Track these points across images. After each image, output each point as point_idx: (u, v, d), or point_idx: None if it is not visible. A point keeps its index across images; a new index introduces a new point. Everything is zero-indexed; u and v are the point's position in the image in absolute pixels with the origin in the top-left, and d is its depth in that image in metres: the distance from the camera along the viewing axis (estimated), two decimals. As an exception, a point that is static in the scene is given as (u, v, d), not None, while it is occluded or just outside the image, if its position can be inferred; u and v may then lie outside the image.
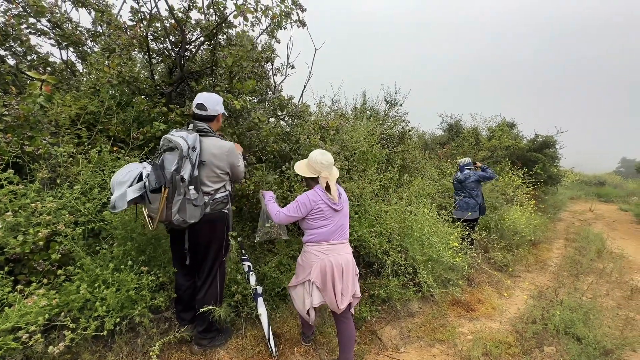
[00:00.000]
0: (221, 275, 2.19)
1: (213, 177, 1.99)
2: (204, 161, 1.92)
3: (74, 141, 2.40)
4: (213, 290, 2.12)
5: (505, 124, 8.94)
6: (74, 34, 3.08)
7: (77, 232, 1.94)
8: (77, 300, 1.78)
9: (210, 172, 1.97)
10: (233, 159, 2.06)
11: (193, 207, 1.85)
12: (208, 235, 2.05)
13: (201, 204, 1.91)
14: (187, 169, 1.81)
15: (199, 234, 2.02)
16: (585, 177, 19.58)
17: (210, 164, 1.95)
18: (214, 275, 2.13)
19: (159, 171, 1.75)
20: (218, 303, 2.14)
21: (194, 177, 1.85)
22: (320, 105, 4.27)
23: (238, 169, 2.15)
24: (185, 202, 1.82)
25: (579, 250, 5.59)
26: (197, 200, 1.87)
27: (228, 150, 2.02)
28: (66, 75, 3.22)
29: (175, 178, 1.77)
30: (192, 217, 1.86)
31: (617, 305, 3.58)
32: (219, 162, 1.98)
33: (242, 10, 2.52)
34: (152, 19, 2.75)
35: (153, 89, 2.95)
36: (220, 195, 2.05)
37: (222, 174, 2.02)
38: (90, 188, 2.17)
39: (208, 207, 1.98)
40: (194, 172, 1.85)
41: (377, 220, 3.12)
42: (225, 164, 2.01)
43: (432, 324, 2.88)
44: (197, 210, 1.88)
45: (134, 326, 2.09)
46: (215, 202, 2.02)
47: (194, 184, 1.86)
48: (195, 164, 1.85)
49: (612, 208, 12.41)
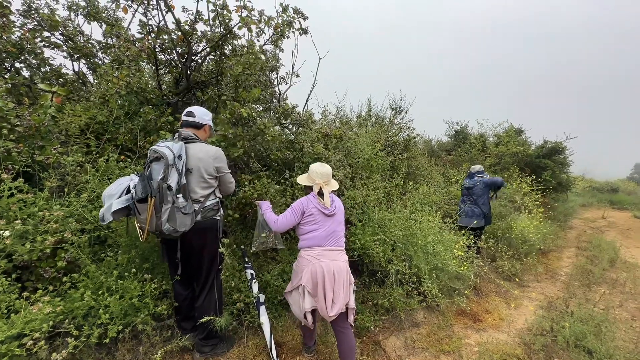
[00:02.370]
0: (218, 283, 2.19)
1: (202, 182, 2.00)
2: (191, 168, 1.94)
3: (83, 150, 2.47)
4: (211, 299, 2.12)
5: (513, 130, 8.83)
6: (85, 47, 3.20)
7: (84, 239, 1.98)
8: (81, 307, 1.80)
9: (198, 178, 1.98)
10: (220, 164, 2.07)
11: (182, 215, 1.86)
12: (200, 243, 2.05)
13: (191, 212, 1.91)
14: (173, 177, 1.83)
15: (191, 243, 2.03)
16: (597, 183, 19.14)
17: (198, 170, 1.96)
18: (211, 283, 2.14)
19: (145, 181, 1.79)
20: (218, 311, 2.14)
21: (181, 185, 1.86)
22: (324, 113, 4.30)
23: (226, 177, 2.15)
24: (174, 210, 1.83)
25: (590, 260, 5.43)
26: (186, 208, 1.87)
27: (214, 154, 2.03)
28: (77, 85, 3.33)
29: (162, 187, 1.79)
30: (182, 225, 1.86)
31: (632, 317, 3.45)
32: (206, 167, 1.99)
33: (247, 21, 2.57)
34: (159, 31, 2.83)
35: (160, 99, 3.02)
36: (211, 202, 2.06)
37: (210, 179, 2.03)
38: (97, 196, 2.22)
39: (199, 215, 1.98)
40: (182, 180, 1.86)
41: (380, 228, 3.10)
42: (212, 168, 2.02)
43: (437, 334, 2.83)
44: (187, 218, 1.89)
45: (136, 334, 2.11)
46: (205, 210, 2.02)
47: (182, 192, 1.87)
48: (182, 172, 1.87)
49: (626, 215, 12.07)
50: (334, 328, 2.12)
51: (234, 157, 2.86)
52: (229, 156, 2.68)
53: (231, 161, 2.99)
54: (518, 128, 9.04)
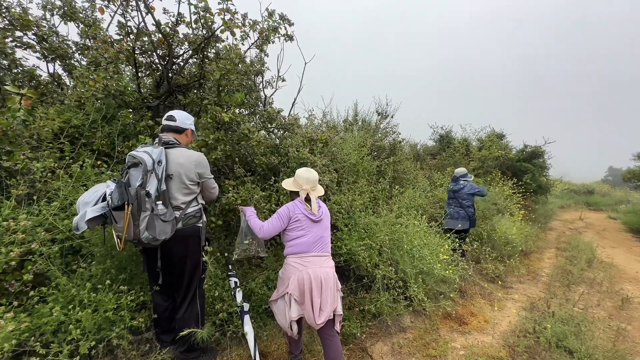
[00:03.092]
0: (201, 293, 2.11)
1: (183, 189, 1.93)
2: (172, 174, 1.87)
3: (56, 155, 2.35)
4: (193, 309, 2.04)
5: (495, 135, 9.09)
6: (60, 47, 3.06)
7: (54, 250, 1.87)
8: (50, 322, 1.69)
9: (179, 184, 1.91)
10: (202, 169, 2.00)
11: (162, 222, 1.78)
12: (182, 252, 1.97)
13: (171, 219, 1.83)
14: (152, 183, 1.77)
15: (172, 252, 1.95)
16: (574, 185, 19.92)
17: (178, 176, 1.90)
18: (193, 293, 2.05)
19: (122, 188, 1.72)
20: (200, 322, 2.06)
21: (161, 191, 1.79)
22: (310, 117, 4.28)
23: (209, 182, 2.08)
24: (154, 218, 1.76)
25: (570, 260, 5.61)
26: (166, 215, 1.80)
27: (196, 159, 1.96)
28: (52, 88, 3.18)
29: (140, 194, 1.73)
30: (162, 233, 1.79)
31: (609, 315, 3.57)
32: (187, 172, 1.92)
33: (230, 25, 2.53)
34: (139, 33, 2.75)
35: (140, 102, 2.92)
36: (193, 209, 1.99)
37: (191, 185, 1.96)
38: (71, 204, 2.11)
39: (179, 223, 1.91)
40: (161, 187, 1.80)
41: (367, 233, 3.09)
42: (194, 174, 1.95)
43: (424, 339, 2.82)
44: (167, 225, 1.81)
45: (112, 349, 2.00)
46: (187, 217, 1.95)
47: (162, 199, 1.80)
48: (161, 178, 1.80)
49: (602, 216, 12.60)
50: (320, 336, 2.08)
51: (214, 160, 2.80)
52: (208, 160, 2.61)
53: (214, 165, 2.92)
54: (500, 132, 9.32)
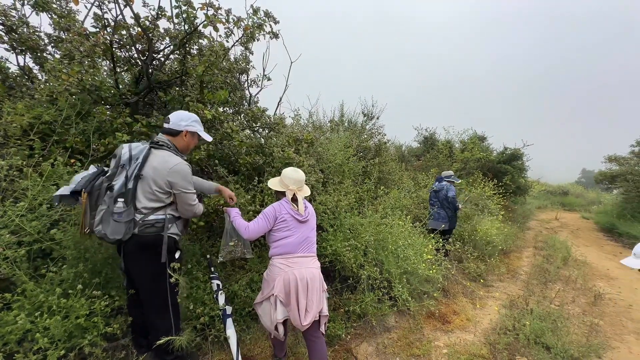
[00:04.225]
0: (173, 302, 1.89)
1: (148, 193, 1.76)
2: (142, 175, 1.74)
3: (24, 153, 2.21)
4: (164, 319, 1.87)
5: (477, 137, 9.35)
6: (30, 39, 2.90)
7: (20, 253, 1.75)
8: (14, 331, 1.58)
9: (146, 187, 1.75)
10: (174, 179, 1.77)
11: (115, 222, 1.67)
12: (138, 260, 1.80)
13: (125, 221, 1.69)
14: (119, 179, 1.71)
15: (129, 257, 1.80)
16: (550, 187, 20.75)
17: (148, 179, 1.74)
18: (160, 304, 1.85)
19: (91, 176, 1.71)
20: (174, 331, 1.90)
21: (127, 189, 1.70)
22: (296, 117, 4.24)
23: (183, 196, 1.82)
24: (109, 214, 1.68)
25: (546, 259, 5.83)
26: (121, 215, 1.67)
27: (171, 167, 1.76)
28: (21, 82, 3.01)
29: (102, 186, 1.69)
30: (114, 233, 1.67)
31: (583, 311, 3.72)
32: (156, 178, 1.75)
33: (212, 20, 2.46)
34: (117, 26, 2.63)
35: (117, 99, 2.80)
36: (154, 217, 1.78)
37: (159, 192, 1.77)
38: (40, 204, 1.98)
39: (136, 228, 1.74)
40: (129, 184, 1.70)
41: (352, 234, 3.09)
42: (164, 182, 1.76)
43: (408, 338, 2.84)
44: (121, 226, 1.68)
45: (84, 357, 1.88)
46: (145, 224, 1.76)
47: (125, 197, 1.70)
48: (130, 175, 1.71)
49: (576, 216, 13.18)
50: (305, 337, 2.06)
51: (195, 160, 2.71)
52: (190, 160, 2.49)
53: (195, 165, 2.83)
54: (481, 135, 9.59)
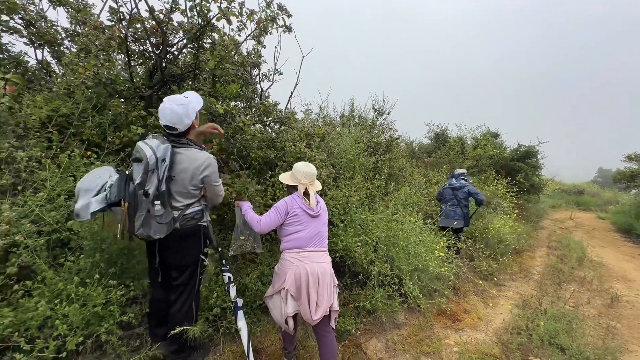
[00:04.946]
0: (197, 293, 2.05)
1: (184, 193, 1.84)
2: (174, 176, 1.78)
3: (43, 145, 2.26)
4: (187, 308, 1.98)
5: (490, 134, 9.15)
6: (48, 33, 2.95)
7: (40, 242, 1.80)
8: (35, 318, 1.63)
9: (180, 188, 1.82)
10: (207, 175, 1.85)
11: (157, 224, 1.72)
12: (179, 251, 1.90)
13: (167, 221, 1.76)
14: (152, 183, 1.69)
15: (170, 250, 1.88)
16: (565, 186, 20.23)
17: (181, 180, 1.80)
18: (189, 292, 1.99)
19: (122, 183, 1.67)
20: (193, 321, 2.00)
21: (161, 191, 1.71)
22: (307, 112, 4.22)
23: (214, 188, 1.94)
24: (149, 218, 1.70)
25: (560, 259, 5.69)
26: (162, 217, 1.72)
27: (201, 164, 1.82)
28: (40, 75, 3.07)
29: (138, 193, 1.66)
30: (157, 232, 1.73)
31: (599, 313, 3.62)
32: (190, 178, 1.81)
33: (226, 13, 2.45)
34: (131, 19, 2.65)
35: (132, 92, 2.83)
36: (192, 210, 1.89)
37: (193, 189, 1.86)
38: (58, 195, 2.03)
39: (177, 223, 1.83)
40: (162, 187, 1.71)
41: (363, 229, 3.07)
42: (197, 180, 1.84)
43: (418, 335, 2.82)
44: (163, 226, 1.74)
45: (100, 344, 1.94)
46: (185, 218, 1.86)
47: (161, 199, 1.72)
48: (162, 178, 1.71)
49: (591, 216, 12.82)
50: (315, 332, 2.06)
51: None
52: None
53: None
54: (494, 132, 9.38)
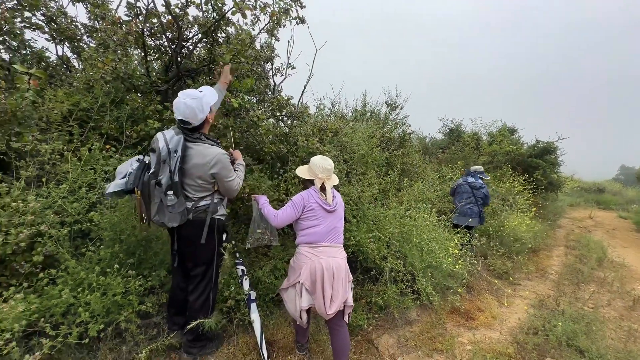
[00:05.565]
0: (214, 285, 2.09)
1: (195, 186, 1.87)
2: (184, 168, 1.81)
3: (65, 138, 2.33)
4: (203, 298, 2.02)
5: (506, 129, 8.89)
6: (68, 29, 3.01)
7: (63, 232, 1.86)
8: (59, 304, 1.70)
9: (191, 181, 1.85)
10: (216, 170, 1.84)
11: (170, 213, 1.76)
12: (193, 240, 1.92)
13: (180, 210, 1.79)
14: (165, 173, 1.73)
15: (186, 239, 1.93)
16: (585, 184, 19.53)
17: (191, 174, 1.83)
18: (206, 282, 2.03)
19: (139, 172, 1.75)
20: (210, 312, 2.05)
21: (174, 181, 1.75)
22: (320, 106, 4.20)
23: (226, 184, 1.91)
24: (163, 206, 1.75)
25: (579, 258, 5.52)
26: (174, 207, 1.76)
27: (210, 160, 1.81)
28: (61, 70, 3.15)
29: (150, 182, 1.72)
30: (171, 221, 1.78)
31: (620, 316, 3.50)
32: (200, 173, 1.84)
33: (241, 7, 2.45)
34: (148, 14, 2.68)
35: (148, 86, 2.88)
36: (204, 203, 1.91)
37: (204, 184, 1.89)
38: (80, 187, 2.09)
39: (190, 214, 1.86)
40: (174, 177, 1.74)
41: (375, 225, 3.05)
42: (208, 175, 1.85)
43: (430, 332, 2.80)
44: (177, 216, 1.78)
45: (120, 332, 2.01)
46: (197, 210, 1.89)
47: (174, 189, 1.75)
48: (174, 169, 1.74)
49: (612, 215, 12.35)
50: (329, 326, 2.08)
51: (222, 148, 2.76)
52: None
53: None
54: (511, 127, 9.11)
